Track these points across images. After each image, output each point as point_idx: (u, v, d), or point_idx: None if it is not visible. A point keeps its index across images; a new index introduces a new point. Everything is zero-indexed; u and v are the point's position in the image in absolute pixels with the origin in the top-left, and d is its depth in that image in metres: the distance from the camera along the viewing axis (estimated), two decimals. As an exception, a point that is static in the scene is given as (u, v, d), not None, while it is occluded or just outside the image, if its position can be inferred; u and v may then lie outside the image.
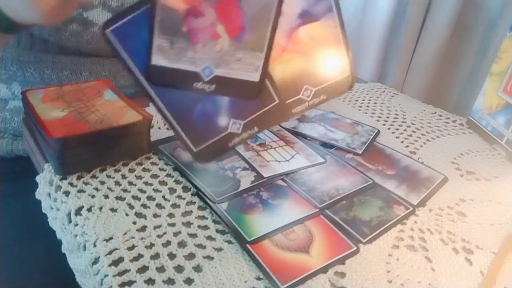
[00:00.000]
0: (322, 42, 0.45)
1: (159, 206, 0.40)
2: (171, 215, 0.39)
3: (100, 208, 0.38)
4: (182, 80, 0.35)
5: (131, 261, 0.33)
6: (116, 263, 0.33)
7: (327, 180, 0.45)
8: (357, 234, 0.38)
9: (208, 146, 0.40)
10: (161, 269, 0.33)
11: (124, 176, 0.43)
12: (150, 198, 0.40)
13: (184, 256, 0.34)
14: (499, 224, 0.42)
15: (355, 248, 0.37)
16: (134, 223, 0.37)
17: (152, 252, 0.34)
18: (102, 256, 0.33)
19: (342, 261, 0.35)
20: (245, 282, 0.33)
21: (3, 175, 0.61)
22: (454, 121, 0.62)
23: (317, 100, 0.44)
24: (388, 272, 0.35)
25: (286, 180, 0.44)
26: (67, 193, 0.40)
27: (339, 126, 0.56)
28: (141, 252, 0.34)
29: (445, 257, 0.37)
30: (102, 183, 0.42)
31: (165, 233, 0.36)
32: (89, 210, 0.38)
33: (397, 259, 0.36)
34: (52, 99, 0.46)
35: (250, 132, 0.40)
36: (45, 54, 0.60)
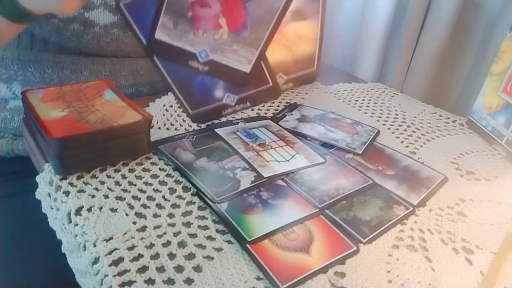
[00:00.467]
0: (302, 39, 0.51)
1: (159, 206, 0.40)
2: (171, 215, 0.39)
3: (100, 208, 0.38)
4: (180, 57, 0.40)
5: (131, 261, 0.33)
6: (116, 263, 0.33)
7: (327, 180, 0.45)
8: (357, 234, 0.38)
9: (203, 111, 0.46)
10: (161, 269, 0.33)
11: (124, 176, 0.43)
12: (150, 198, 0.40)
13: (184, 256, 0.34)
14: (499, 224, 0.42)
15: (355, 248, 0.37)
16: (134, 223, 0.37)
17: (152, 252, 0.34)
18: (102, 256, 0.33)
19: (342, 261, 0.35)
20: (245, 282, 0.33)
21: (3, 175, 0.61)
22: (454, 121, 0.62)
23: (285, 87, 0.54)
24: (388, 272, 0.35)
25: (286, 180, 0.44)
26: (67, 193, 0.40)
27: (339, 126, 0.56)
28: (141, 252, 0.34)
29: (445, 257, 0.37)
30: (102, 183, 0.42)
31: (165, 233, 0.36)
32: (89, 210, 0.38)
33: (397, 259, 0.36)
34: (52, 99, 0.46)
35: (243, 106, 0.47)
36: (46, 54, 0.60)
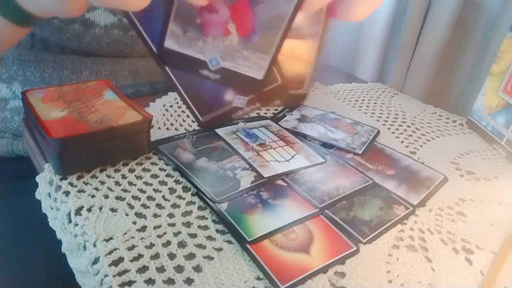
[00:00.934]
0: (296, 57, 0.52)
1: (159, 206, 0.40)
2: (171, 215, 0.39)
3: (100, 208, 0.38)
4: (191, 65, 0.38)
5: (131, 261, 0.33)
6: (116, 263, 0.33)
7: (327, 180, 0.45)
8: (357, 234, 0.38)
9: (214, 117, 0.45)
10: (161, 269, 0.33)
11: (124, 176, 0.43)
12: (150, 198, 0.40)
13: (184, 256, 0.34)
14: (499, 224, 0.42)
15: (355, 248, 0.37)
16: (134, 223, 0.37)
17: (152, 252, 0.34)
18: (102, 256, 0.33)
19: (342, 261, 0.35)
20: (245, 282, 0.33)
21: (3, 175, 0.61)
22: (454, 121, 0.62)
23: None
24: (388, 272, 0.35)
25: (286, 180, 0.44)
26: (67, 193, 0.40)
27: (339, 126, 0.56)
28: (141, 252, 0.34)
29: (445, 257, 0.37)
30: (102, 183, 0.42)
31: (165, 233, 0.36)
32: (89, 210, 0.38)
33: (397, 259, 0.36)
34: (52, 99, 0.46)
35: (253, 107, 0.45)
36: (46, 54, 0.60)
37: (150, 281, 0.32)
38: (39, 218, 0.43)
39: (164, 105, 0.57)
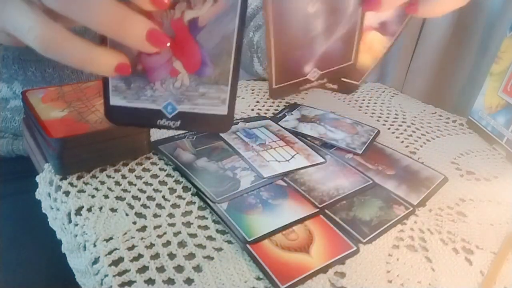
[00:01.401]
0: (370, 49, 0.47)
1: (159, 206, 0.40)
2: (171, 215, 0.39)
3: (100, 208, 0.38)
4: (146, 118, 0.34)
5: (131, 261, 0.33)
6: (116, 263, 0.33)
7: (327, 180, 0.45)
8: (357, 234, 0.38)
9: (286, 86, 0.41)
10: (161, 269, 0.33)
11: (124, 176, 0.43)
12: (150, 198, 0.40)
13: (184, 256, 0.34)
14: (499, 224, 0.42)
15: (355, 248, 0.37)
16: (134, 223, 0.37)
17: (152, 252, 0.34)
18: (102, 256, 0.33)
19: (342, 261, 0.35)
20: (245, 282, 0.33)
21: (3, 175, 0.61)
22: (454, 121, 0.62)
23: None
24: (388, 272, 0.35)
25: (286, 180, 0.44)
26: (67, 193, 0.40)
27: (339, 126, 0.56)
28: (141, 252, 0.34)
29: (445, 257, 0.37)
30: (102, 183, 0.42)
31: (165, 233, 0.36)
32: (89, 210, 0.38)
33: (397, 259, 0.36)
34: (52, 99, 0.46)
35: (321, 82, 0.42)
36: None
37: (150, 281, 0.32)
38: (39, 218, 0.43)
39: (164, 105, 0.57)
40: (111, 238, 0.35)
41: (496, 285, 0.35)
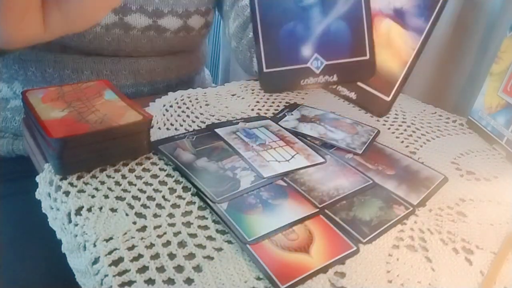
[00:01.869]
0: (391, 46, 0.44)
1: (159, 206, 0.40)
2: (171, 215, 0.39)
3: (100, 208, 0.38)
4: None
5: (131, 261, 0.33)
6: (116, 263, 0.33)
7: (327, 180, 0.45)
8: (357, 234, 0.38)
9: (279, 72, 0.38)
10: (161, 269, 0.33)
11: (124, 176, 0.43)
12: (150, 198, 0.40)
13: (184, 256, 0.34)
14: (499, 224, 0.42)
15: (355, 248, 0.37)
16: (134, 223, 0.37)
17: (152, 252, 0.34)
18: (102, 256, 0.33)
19: (342, 261, 0.35)
20: (245, 282, 0.33)
21: (3, 175, 0.61)
22: (454, 121, 0.62)
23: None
24: (388, 272, 0.35)
25: (286, 180, 0.44)
26: (67, 193, 0.40)
27: (339, 126, 0.56)
28: (141, 252, 0.34)
29: (445, 257, 0.37)
30: (102, 183, 0.42)
31: (165, 233, 0.36)
32: (89, 210, 0.38)
33: (397, 259, 0.36)
34: (52, 99, 0.46)
35: (328, 78, 0.39)
36: (47, 53, 0.60)
37: (150, 281, 0.32)
38: (39, 218, 0.43)
39: (164, 105, 0.57)
40: (111, 238, 0.35)
41: (496, 285, 0.35)
